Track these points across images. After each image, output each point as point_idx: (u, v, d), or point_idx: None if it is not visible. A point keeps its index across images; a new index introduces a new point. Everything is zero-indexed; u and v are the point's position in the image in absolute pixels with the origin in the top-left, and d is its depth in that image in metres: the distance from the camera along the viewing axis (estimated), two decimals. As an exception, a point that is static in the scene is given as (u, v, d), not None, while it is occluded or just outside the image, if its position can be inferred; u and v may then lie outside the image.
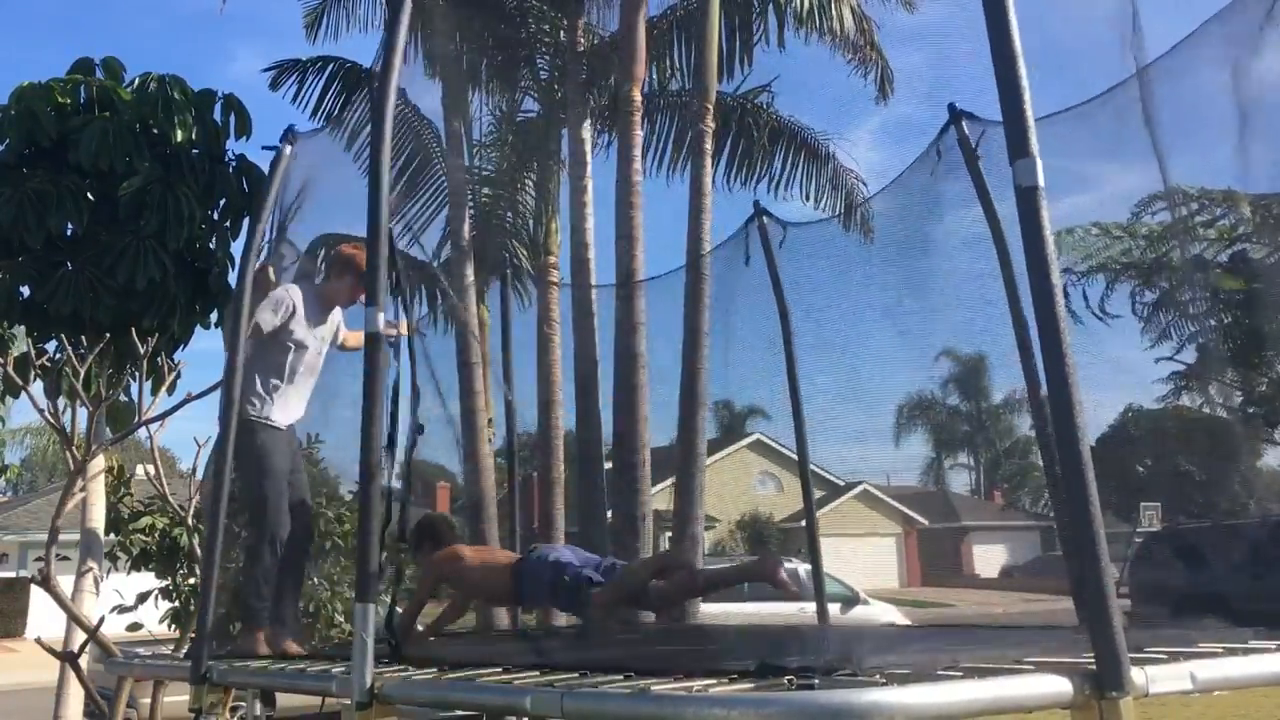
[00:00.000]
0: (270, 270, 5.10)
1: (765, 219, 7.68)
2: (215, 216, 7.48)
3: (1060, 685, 2.38)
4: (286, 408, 4.80)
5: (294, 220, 5.64)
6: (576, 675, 2.95)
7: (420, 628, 5.29)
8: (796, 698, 2.32)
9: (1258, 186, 7.52)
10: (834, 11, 9.57)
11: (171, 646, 7.16)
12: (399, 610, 4.61)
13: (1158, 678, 2.44)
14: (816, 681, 2.38)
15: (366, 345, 3.45)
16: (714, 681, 2.54)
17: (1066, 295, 2.59)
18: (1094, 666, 2.39)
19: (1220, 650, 2.81)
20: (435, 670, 3.45)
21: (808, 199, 10.85)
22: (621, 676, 2.81)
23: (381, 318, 3.43)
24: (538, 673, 3.08)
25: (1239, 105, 5.03)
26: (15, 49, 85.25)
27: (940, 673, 2.51)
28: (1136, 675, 2.38)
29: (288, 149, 5.18)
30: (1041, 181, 2.49)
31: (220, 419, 4.67)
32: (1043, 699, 2.38)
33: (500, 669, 3.21)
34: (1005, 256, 5.84)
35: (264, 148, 5.27)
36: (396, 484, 3.67)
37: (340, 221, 7.38)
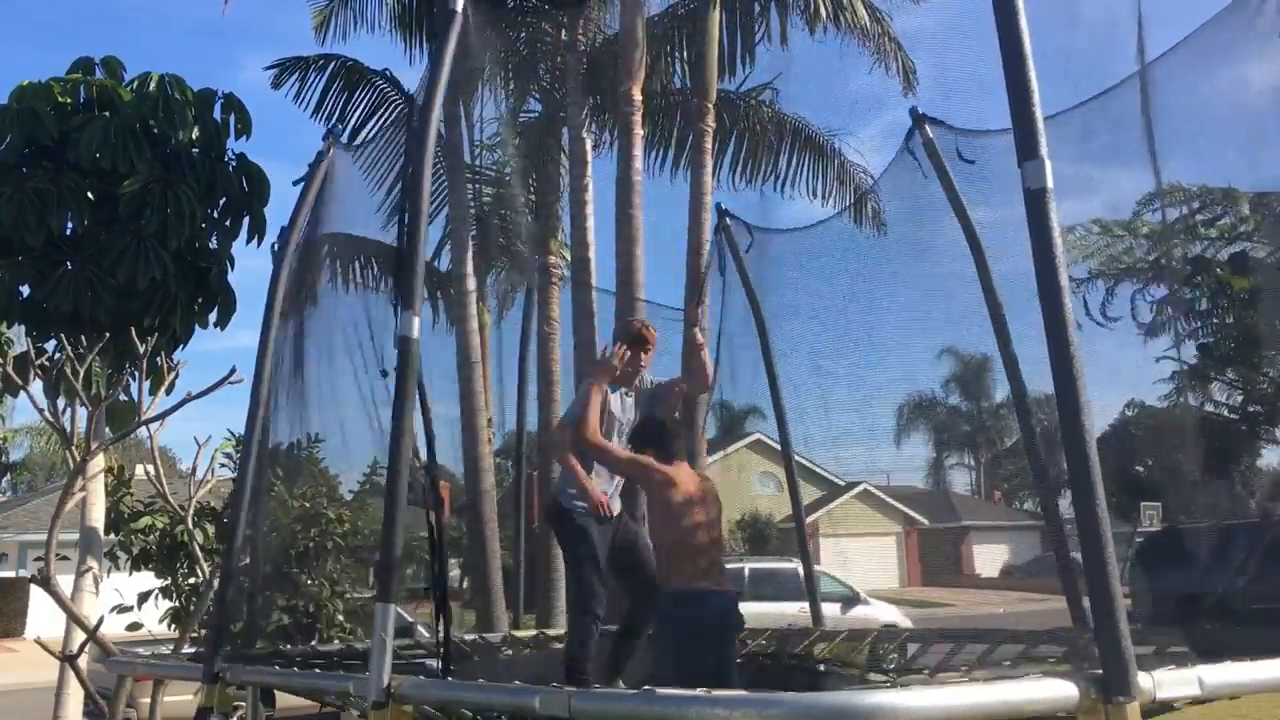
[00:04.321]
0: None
1: (730, 222, 7.71)
2: (215, 215, 7.47)
3: (1066, 690, 2.36)
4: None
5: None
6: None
7: None
8: (800, 699, 2.31)
9: (1258, 184, 7.51)
10: (848, 2, 9.50)
11: (171, 646, 7.14)
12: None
13: (1165, 682, 2.42)
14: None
15: (400, 349, 3.48)
16: (718, 684, 2.53)
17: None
18: (1100, 671, 2.38)
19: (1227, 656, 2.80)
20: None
21: (814, 196, 10.79)
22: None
23: (416, 322, 3.46)
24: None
25: (1237, 105, 5.04)
26: (23, 57, 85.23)
27: (944, 676, 2.50)
28: (1144, 680, 2.36)
29: (330, 152, 5.22)
30: (1050, 184, 2.47)
31: (246, 428, 4.76)
32: (1048, 704, 2.36)
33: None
34: (982, 259, 5.86)
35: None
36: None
37: (338, 222, 7.38)
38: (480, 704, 3.30)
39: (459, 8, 3.83)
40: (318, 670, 4.77)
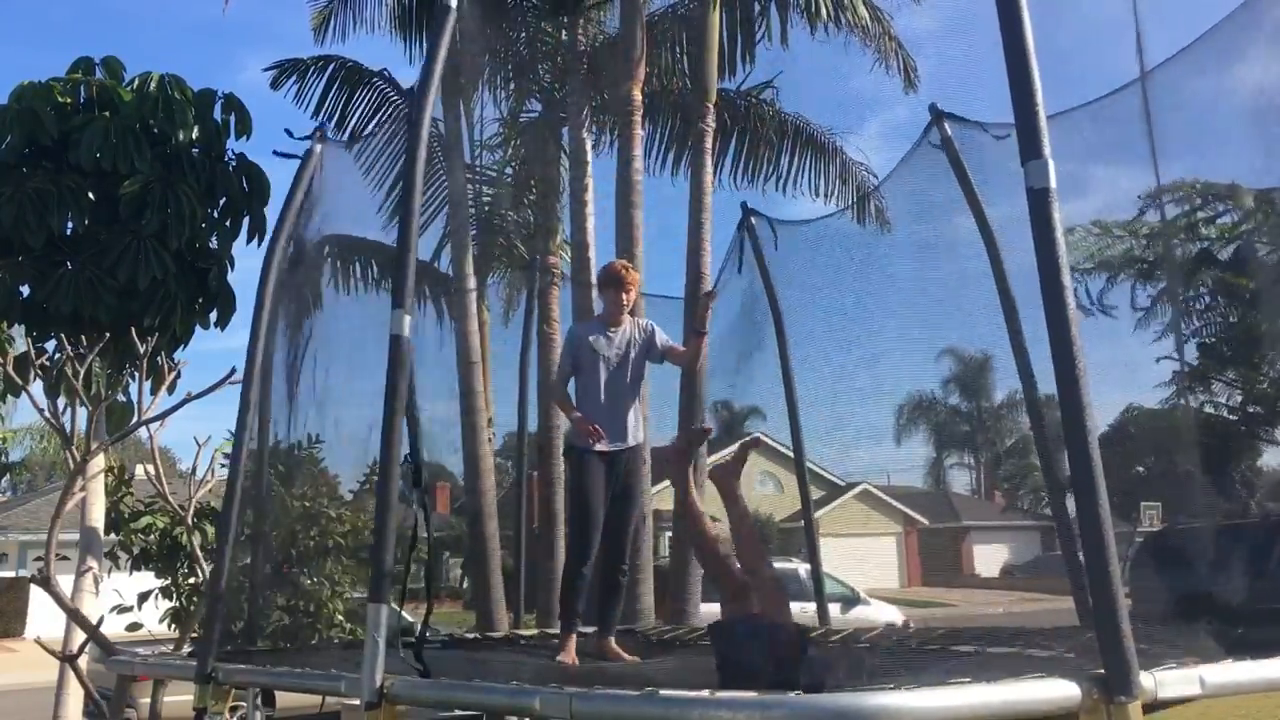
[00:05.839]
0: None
1: (755, 220, 7.68)
2: (216, 215, 7.47)
3: (1068, 690, 2.36)
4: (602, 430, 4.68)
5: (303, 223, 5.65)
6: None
7: None
8: (802, 701, 2.30)
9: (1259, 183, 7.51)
10: (849, 1, 9.48)
11: (171, 646, 7.14)
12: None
13: (1166, 682, 2.42)
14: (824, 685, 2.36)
15: (390, 347, 3.44)
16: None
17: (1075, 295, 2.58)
18: (1102, 671, 2.38)
19: (1228, 655, 2.79)
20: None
21: (816, 195, 10.77)
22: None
23: (407, 320, 3.43)
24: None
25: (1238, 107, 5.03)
26: (24, 57, 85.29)
27: (947, 677, 2.49)
28: (1145, 680, 2.37)
29: (318, 148, 5.19)
30: (1054, 183, 2.46)
31: (237, 425, 4.75)
32: (1051, 704, 2.36)
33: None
34: (996, 256, 5.84)
35: (276, 153, 5.27)
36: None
37: (340, 223, 7.38)
38: (478, 704, 3.28)
39: (453, 3, 3.82)
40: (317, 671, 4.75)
